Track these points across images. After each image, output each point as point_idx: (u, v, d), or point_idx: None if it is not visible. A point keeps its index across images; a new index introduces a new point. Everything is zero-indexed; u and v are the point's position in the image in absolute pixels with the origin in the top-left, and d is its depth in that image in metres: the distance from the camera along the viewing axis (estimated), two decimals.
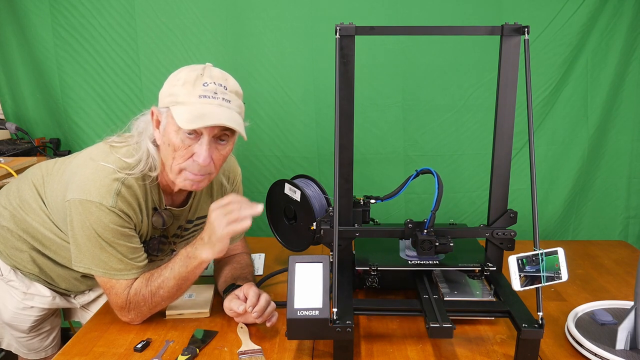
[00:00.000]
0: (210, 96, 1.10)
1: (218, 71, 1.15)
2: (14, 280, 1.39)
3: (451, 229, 1.37)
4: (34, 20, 1.93)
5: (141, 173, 1.17)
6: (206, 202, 1.37)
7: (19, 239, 1.35)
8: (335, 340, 1.06)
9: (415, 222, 1.29)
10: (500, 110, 1.27)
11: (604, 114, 1.95)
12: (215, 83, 1.11)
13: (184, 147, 1.12)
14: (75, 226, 1.15)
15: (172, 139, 1.12)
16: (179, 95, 1.10)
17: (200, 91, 1.10)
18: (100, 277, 1.19)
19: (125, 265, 1.17)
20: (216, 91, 1.11)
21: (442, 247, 1.25)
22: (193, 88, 1.10)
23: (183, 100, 1.10)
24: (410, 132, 1.97)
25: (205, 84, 1.10)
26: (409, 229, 1.29)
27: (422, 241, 1.25)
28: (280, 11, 1.88)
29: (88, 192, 1.13)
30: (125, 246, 1.17)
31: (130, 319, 1.22)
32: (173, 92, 1.11)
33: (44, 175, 1.33)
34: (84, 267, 1.18)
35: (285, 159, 2.00)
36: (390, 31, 1.64)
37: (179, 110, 1.09)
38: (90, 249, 1.15)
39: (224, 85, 1.12)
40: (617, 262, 1.66)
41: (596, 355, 1.08)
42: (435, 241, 1.25)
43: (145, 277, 1.19)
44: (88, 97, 1.98)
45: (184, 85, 1.10)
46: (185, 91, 1.10)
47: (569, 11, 1.85)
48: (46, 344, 1.55)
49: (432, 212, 1.26)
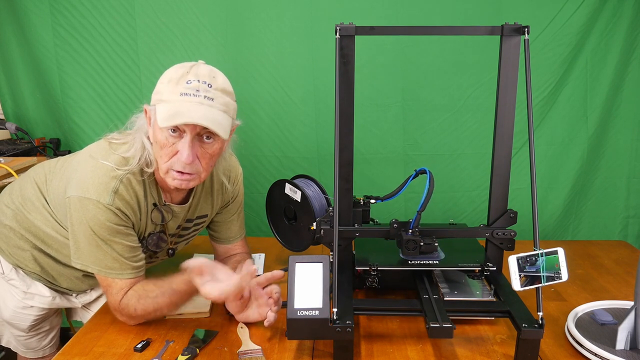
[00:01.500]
0: (191, 94, 1.09)
1: (207, 69, 1.13)
2: (15, 279, 1.39)
3: (450, 229, 1.37)
4: (34, 20, 1.92)
5: (138, 166, 1.17)
6: (206, 201, 1.37)
7: (22, 238, 1.35)
8: (335, 340, 1.06)
9: (400, 222, 1.29)
10: (500, 110, 1.27)
11: (603, 113, 1.95)
12: (200, 81, 1.10)
13: (168, 144, 1.12)
14: (73, 223, 1.16)
15: (157, 136, 1.12)
16: (163, 93, 1.11)
17: (182, 89, 1.09)
18: (98, 276, 1.20)
19: (120, 264, 1.17)
20: (198, 89, 1.09)
21: (426, 247, 1.25)
22: (176, 86, 1.10)
23: (166, 98, 1.10)
24: (410, 131, 1.97)
25: (188, 81, 1.09)
26: (394, 229, 1.29)
27: (407, 241, 1.25)
28: (280, 11, 1.88)
29: (86, 189, 1.14)
30: (122, 244, 1.17)
31: (124, 320, 1.22)
32: (159, 89, 1.12)
33: (46, 174, 1.34)
34: (82, 264, 1.19)
35: (285, 159, 2.00)
36: (390, 31, 1.64)
37: (160, 108, 1.10)
38: (87, 246, 1.16)
39: (208, 83, 1.11)
40: (617, 262, 1.66)
41: (596, 355, 1.08)
42: (420, 241, 1.24)
43: (138, 294, 1.19)
44: (88, 97, 1.98)
45: (168, 83, 1.11)
46: (168, 89, 1.10)
47: (569, 11, 1.85)
48: (44, 344, 1.55)
49: (418, 212, 1.26)
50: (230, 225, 1.45)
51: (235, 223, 1.46)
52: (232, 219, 1.45)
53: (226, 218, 1.45)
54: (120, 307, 1.19)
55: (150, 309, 1.18)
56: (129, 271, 1.19)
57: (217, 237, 1.47)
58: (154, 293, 1.19)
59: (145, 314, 1.19)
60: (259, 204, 1.96)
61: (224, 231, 1.46)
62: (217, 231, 1.46)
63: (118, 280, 1.18)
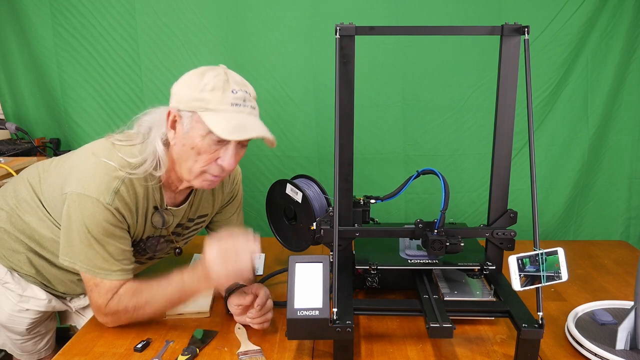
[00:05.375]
0: (241, 104, 1.13)
1: (237, 75, 1.17)
2: (10, 282, 1.37)
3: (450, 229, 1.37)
4: (34, 20, 1.92)
5: (145, 173, 1.17)
6: (207, 200, 1.37)
7: (16, 240, 1.34)
8: (335, 340, 1.06)
9: (425, 222, 1.29)
10: (500, 110, 1.27)
11: (604, 114, 1.95)
12: (242, 90, 1.14)
13: (209, 151, 1.13)
14: (68, 219, 1.15)
15: (197, 143, 1.12)
16: (210, 102, 1.11)
17: (232, 99, 1.12)
18: (84, 274, 1.18)
19: (110, 265, 1.16)
20: (244, 99, 1.14)
21: (452, 247, 1.25)
22: (223, 95, 1.11)
23: (215, 107, 1.11)
24: (410, 132, 1.97)
25: (234, 90, 1.12)
26: (419, 229, 1.29)
27: (433, 241, 1.24)
28: (280, 11, 1.88)
29: (87, 186, 1.13)
30: (115, 246, 1.16)
31: (105, 322, 1.21)
32: (202, 97, 1.11)
33: (40, 174, 1.32)
34: (69, 260, 1.17)
35: (285, 158, 2.00)
36: (390, 31, 1.64)
37: (213, 117, 1.10)
38: (79, 244, 1.15)
39: (248, 92, 1.16)
40: (617, 262, 1.66)
41: (596, 355, 1.08)
42: (445, 241, 1.25)
43: (132, 289, 1.18)
44: (88, 97, 1.98)
45: (213, 91, 1.11)
46: (215, 98, 1.11)
47: (569, 11, 1.85)
48: (40, 347, 1.53)
49: (442, 212, 1.26)
50: (229, 224, 1.45)
51: (235, 222, 1.46)
52: (232, 218, 1.46)
53: (226, 217, 1.45)
54: (109, 307, 1.17)
55: (143, 303, 1.17)
56: (118, 273, 1.17)
57: None
58: (147, 288, 1.18)
59: (136, 311, 1.17)
60: (259, 203, 1.97)
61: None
62: (217, 231, 1.46)
63: (107, 281, 1.17)
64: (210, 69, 1.15)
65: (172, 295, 1.17)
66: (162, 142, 1.18)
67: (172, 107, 1.16)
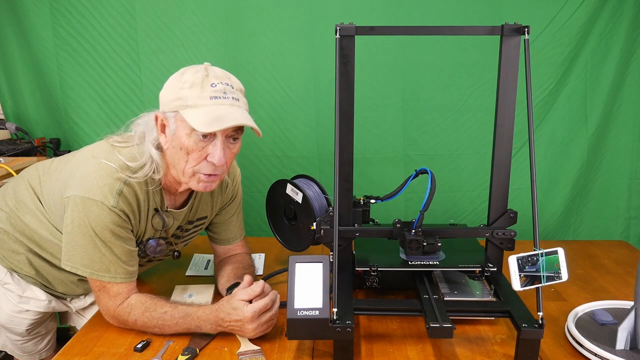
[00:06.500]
0: (221, 97, 1.11)
1: (219, 70, 1.15)
2: (10, 283, 1.37)
3: (451, 229, 1.37)
4: (34, 20, 1.92)
5: (145, 177, 1.16)
6: (207, 202, 1.37)
7: (16, 241, 1.33)
8: (335, 340, 1.06)
9: (403, 222, 1.29)
10: (500, 110, 1.27)
11: (603, 114, 1.95)
12: (222, 83, 1.12)
13: (197, 149, 1.12)
14: (71, 223, 1.14)
15: (184, 142, 1.12)
16: (189, 98, 1.10)
17: (210, 92, 1.10)
18: (90, 278, 1.18)
19: (116, 267, 1.16)
20: (225, 91, 1.12)
21: (429, 246, 1.25)
22: (202, 90, 1.10)
23: (194, 103, 1.10)
24: (410, 132, 1.97)
25: (213, 84, 1.11)
26: (397, 229, 1.29)
27: (410, 241, 1.25)
28: (280, 11, 1.88)
29: (90, 189, 1.12)
30: (121, 247, 1.16)
31: (111, 322, 1.22)
32: (181, 95, 1.11)
33: (40, 175, 1.32)
34: (72, 266, 1.16)
35: (285, 158, 2.00)
36: (390, 31, 1.64)
37: (191, 113, 1.09)
38: (84, 248, 1.14)
39: (229, 84, 1.13)
40: (617, 262, 1.66)
41: (596, 355, 1.08)
42: (422, 241, 1.25)
43: (145, 306, 1.17)
44: (88, 97, 1.98)
45: (191, 88, 1.10)
46: (194, 94, 1.10)
47: (569, 11, 1.85)
48: (40, 347, 1.53)
49: (421, 212, 1.26)
50: (229, 225, 1.45)
51: (235, 223, 1.46)
52: (232, 220, 1.45)
53: (225, 219, 1.45)
54: (117, 312, 1.18)
55: (153, 323, 1.17)
56: (123, 275, 1.17)
57: (217, 238, 1.46)
58: (159, 308, 1.17)
59: (144, 327, 1.18)
60: (259, 203, 1.97)
61: (223, 232, 1.45)
62: (217, 232, 1.46)
63: (114, 285, 1.17)
64: (190, 68, 1.15)
65: (182, 329, 1.17)
66: (155, 147, 1.18)
67: (158, 111, 1.16)
